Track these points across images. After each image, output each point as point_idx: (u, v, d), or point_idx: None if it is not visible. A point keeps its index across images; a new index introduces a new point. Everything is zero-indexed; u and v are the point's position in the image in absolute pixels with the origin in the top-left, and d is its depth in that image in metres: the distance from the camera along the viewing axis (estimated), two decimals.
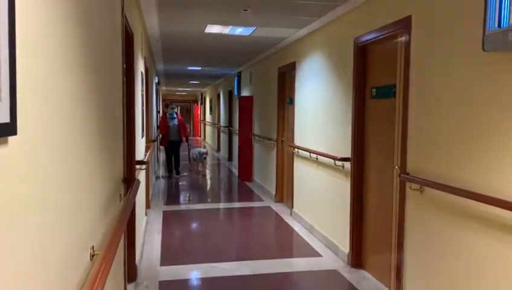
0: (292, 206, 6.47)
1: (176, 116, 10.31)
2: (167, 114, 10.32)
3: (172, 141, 10.13)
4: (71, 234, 1.49)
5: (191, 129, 30.10)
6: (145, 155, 5.22)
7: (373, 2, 3.95)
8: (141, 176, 4.79)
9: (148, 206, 6.53)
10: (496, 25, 2.36)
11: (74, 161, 1.54)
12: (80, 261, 1.61)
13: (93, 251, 1.78)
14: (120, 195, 2.77)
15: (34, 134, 1.08)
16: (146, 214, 6.03)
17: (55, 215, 1.29)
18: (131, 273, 3.76)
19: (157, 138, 10.10)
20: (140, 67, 4.93)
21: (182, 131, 10.29)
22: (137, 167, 4.12)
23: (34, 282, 1.09)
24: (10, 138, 0.88)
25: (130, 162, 3.53)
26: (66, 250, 1.41)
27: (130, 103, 3.66)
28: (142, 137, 5.33)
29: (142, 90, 5.37)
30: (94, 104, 1.92)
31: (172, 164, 10.32)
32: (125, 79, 3.18)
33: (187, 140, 10.55)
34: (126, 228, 3.33)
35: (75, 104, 1.57)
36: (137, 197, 4.10)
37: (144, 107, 5.65)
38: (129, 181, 3.20)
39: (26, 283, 1.03)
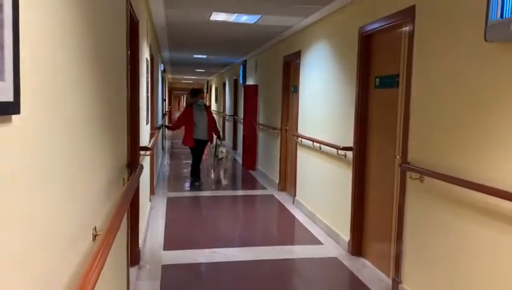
0: (295, 195, 6.51)
1: (204, 108, 8.00)
2: (194, 105, 7.89)
3: (200, 140, 7.79)
4: (73, 215, 1.53)
5: None
6: (150, 141, 5.27)
7: None
8: (146, 162, 4.84)
9: (152, 192, 6.61)
10: (498, 16, 2.36)
11: (77, 142, 1.58)
12: (83, 241, 1.66)
13: (96, 232, 1.84)
14: (123, 179, 2.81)
15: (37, 114, 1.12)
16: (150, 200, 6.10)
17: (57, 194, 1.33)
18: (134, 256, 3.83)
19: (165, 128, 8.43)
20: (145, 54, 4.96)
21: (213, 127, 7.99)
22: (142, 152, 4.17)
23: (36, 259, 1.14)
24: (14, 117, 0.92)
25: (134, 147, 3.58)
26: (68, 230, 1.46)
27: (134, 90, 3.70)
28: (147, 124, 5.38)
29: (147, 78, 5.40)
30: (98, 89, 1.95)
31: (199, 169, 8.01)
32: (129, 66, 3.22)
33: (219, 138, 8.24)
34: (130, 212, 3.40)
35: (79, 88, 1.60)
36: (141, 183, 4.16)
37: (149, 94, 5.69)
38: (133, 166, 3.25)
39: (28, 260, 1.07)
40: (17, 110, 0.91)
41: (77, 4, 1.56)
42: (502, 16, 2.34)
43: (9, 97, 0.86)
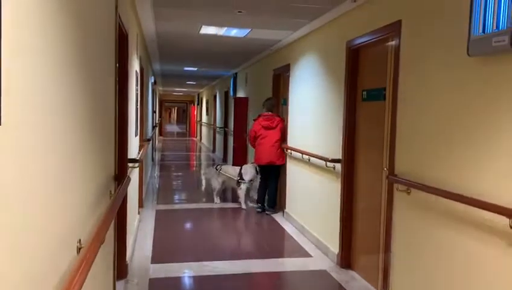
0: (284, 207, 6.51)
1: None
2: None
3: None
4: (58, 227, 1.52)
5: (188, 130, 30.13)
6: (139, 154, 5.25)
7: (364, 6, 4.00)
8: (135, 174, 4.82)
9: (141, 205, 6.56)
10: (481, 31, 2.42)
11: (62, 154, 1.57)
12: (67, 254, 1.64)
13: (80, 244, 1.82)
14: (110, 192, 2.80)
15: (19, 126, 1.11)
16: (139, 213, 6.06)
17: (40, 207, 1.32)
18: (121, 270, 3.79)
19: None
20: (135, 66, 4.96)
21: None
22: (130, 165, 4.15)
23: (18, 272, 1.13)
24: None
25: (122, 159, 3.56)
26: (52, 242, 1.44)
27: (123, 102, 3.69)
28: (136, 135, 5.36)
29: (137, 90, 5.40)
30: (84, 101, 1.95)
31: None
32: (118, 78, 3.22)
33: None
34: (117, 224, 3.37)
35: (65, 99, 1.60)
36: (129, 195, 4.13)
37: (139, 106, 5.68)
38: (121, 178, 3.23)
39: (8, 273, 1.06)
40: None
41: (63, 16, 1.57)
42: (484, 31, 2.39)
43: None
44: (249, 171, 7.05)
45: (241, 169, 7.15)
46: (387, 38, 3.66)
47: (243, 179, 7.04)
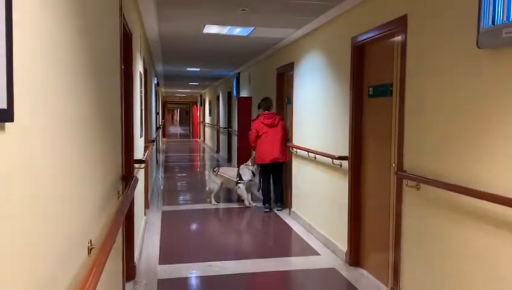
0: (291, 206, 6.48)
1: None
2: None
3: None
4: (69, 227, 1.51)
5: (191, 131, 30.14)
6: (144, 154, 5.24)
7: (369, 1, 3.97)
8: (140, 175, 4.80)
9: (147, 206, 6.55)
10: (490, 22, 2.39)
11: (72, 153, 1.56)
12: (78, 254, 1.62)
13: (91, 245, 1.80)
14: (118, 192, 2.78)
15: (31, 123, 1.10)
16: (145, 214, 6.04)
17: (50, 206, 1.31)
18: (129, 271, 3.77)
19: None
20: (139, 67, 4.95)
21: None
22: (136, 165, 4.14)
23: (31, 272, 1.11)
24: (7, 124, 0.90)
25: (128, 160, 3.55)
26: (63, 243, 1.43)
27: (128, 103, 3.68)
28: (141, 137, 5.35)
29: (141, 91, 5.39)
30: (92, 102, 1.94)
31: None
32: (123, 79, 3.20)
33: None
34: (125, 226, 3.35)
35: (73, 100, 1.59)
36: (136, 197, 4.12)
37: (143, 108, 5.67)
38: (128, 179, 3.22)
39: (21, 273, 1.05)
40: (10, 118, 0.89)
41: (70, 16, 1.55)
42: (493, 23, 2.36)
43: (2, 104, 0.84)
44: (245, 171, 7.12)
45: (238, 170, 7.24)
46: (393, 33, 3.63)
47: (242, 180, 7.09)
